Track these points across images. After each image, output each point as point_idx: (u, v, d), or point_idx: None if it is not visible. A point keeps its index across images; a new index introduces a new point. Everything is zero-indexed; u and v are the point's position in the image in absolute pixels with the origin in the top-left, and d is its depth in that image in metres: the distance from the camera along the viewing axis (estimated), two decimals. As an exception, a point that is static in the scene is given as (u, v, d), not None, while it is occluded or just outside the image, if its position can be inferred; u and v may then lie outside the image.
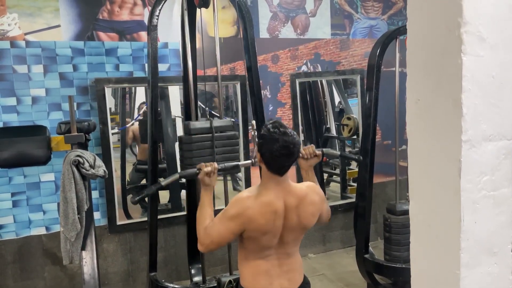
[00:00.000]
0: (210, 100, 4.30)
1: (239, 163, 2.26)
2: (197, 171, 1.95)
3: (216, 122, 2.49)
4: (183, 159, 2.49)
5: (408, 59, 1.26)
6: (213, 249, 1.80)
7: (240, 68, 3.84)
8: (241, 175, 3.94)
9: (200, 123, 2.49)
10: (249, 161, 2.25)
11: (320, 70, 4.15)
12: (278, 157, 1.71)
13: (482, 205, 1.14)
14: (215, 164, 1.96)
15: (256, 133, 1.77)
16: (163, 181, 2.06)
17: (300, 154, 2.03)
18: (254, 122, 1.84)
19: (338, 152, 2.37)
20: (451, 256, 1.16)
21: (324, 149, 2.14)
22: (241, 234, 1.78)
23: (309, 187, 1.91)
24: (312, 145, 2.10)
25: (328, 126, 5.30)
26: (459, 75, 1.08)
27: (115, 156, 3.88)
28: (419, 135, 1.26)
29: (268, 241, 1.79)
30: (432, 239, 1.23)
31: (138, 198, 2.01)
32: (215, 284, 2.52)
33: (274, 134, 1.70)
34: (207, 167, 1.93)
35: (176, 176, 2.09)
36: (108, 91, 3.42)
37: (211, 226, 1.79)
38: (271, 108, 3.99)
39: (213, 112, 4.33)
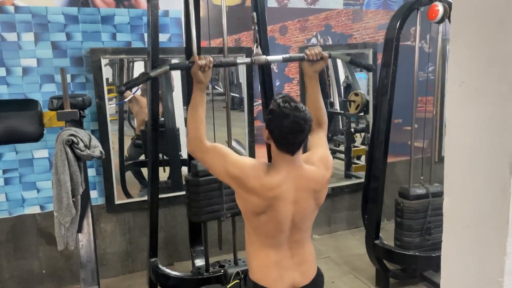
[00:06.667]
0: (214, 74, 4.06)
1: (237, 60, 1.95)
2: (190, 64, 1.69)
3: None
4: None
5: (452, 33, 1.06)
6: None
7: (246, 39, 3.59)
8: (245, 153, 3.75)
9: None
10: (248, 59, 1.95)
11: (331, 43, 3.90)
12: (288, 133, 1.56)
13: (537, 207, 0.98)
14: (210, 57, 1.71)
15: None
16: (152, 72, 1.77)
17: (305, 56, 1.86)
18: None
19: (348, 57, 2.08)
20: (493, 262, 1.00)
21: (332, 52, 1.96)
22: (245, 214, 1.67)
23: (321, 160, 1.73)
24: (318, 45, 1.89)
25: (332, 100, 5.12)
26: (517, 54, 0.89)
27: (113, 129, 3.67)
28: (461, 123, 1.07)
29: (274, 225, 1.65)
30: (470, 242, 1.07)
31: (126, 87, 1.77)
32: (220, 272, 2.39)
33: (284, 109, 1.56)
34: (201, 60, 1.68)
35: (167, 67, 1.81)
36: (104, 62, 3.19)
37: (210, 151, 1.66)
38: (278, 83, 3.76)
39: (216, 87, 4.12)
